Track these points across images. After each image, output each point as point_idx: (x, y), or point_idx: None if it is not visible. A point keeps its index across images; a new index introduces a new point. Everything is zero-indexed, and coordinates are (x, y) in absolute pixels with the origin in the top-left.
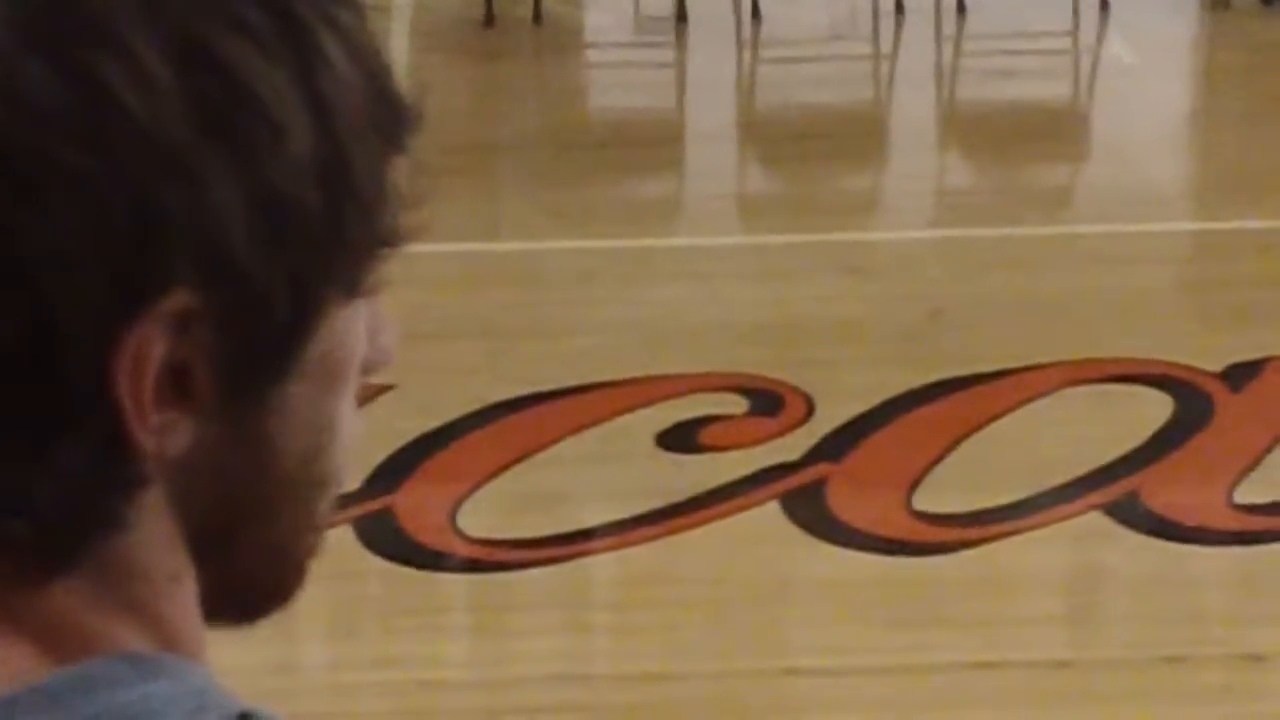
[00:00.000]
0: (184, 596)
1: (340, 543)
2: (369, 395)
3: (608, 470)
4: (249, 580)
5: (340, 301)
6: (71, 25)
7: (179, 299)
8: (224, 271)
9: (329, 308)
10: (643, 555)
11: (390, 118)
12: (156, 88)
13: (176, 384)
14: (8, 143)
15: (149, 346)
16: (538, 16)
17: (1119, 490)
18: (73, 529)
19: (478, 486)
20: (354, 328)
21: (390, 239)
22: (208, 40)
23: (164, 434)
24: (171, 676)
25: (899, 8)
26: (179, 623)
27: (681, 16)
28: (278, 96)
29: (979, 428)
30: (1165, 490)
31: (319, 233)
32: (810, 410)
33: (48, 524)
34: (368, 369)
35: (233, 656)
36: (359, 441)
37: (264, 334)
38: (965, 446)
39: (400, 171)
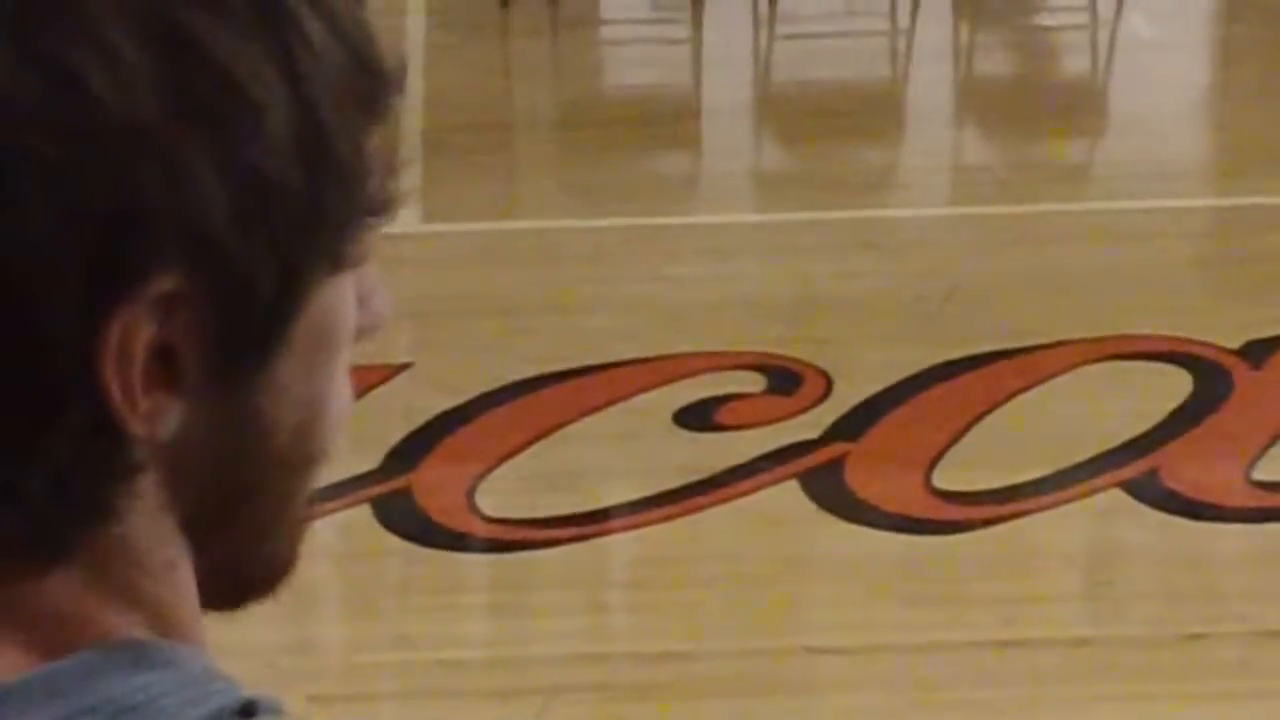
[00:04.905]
0: (181, 582)
1: (358, 522)
2: (386, 374)
3: (626, 449)
4: (242, 563)
5: (327, 275)
6: (41, 14)
7: (164, 283)
8: (208, 253)
9: (315, 283)
10: (661, 534)
11: (372, 86)
12: (128, 73)
13: (165, 367)
14: None
15: (135, 331)
16: None
17: (1138, 468)
18: (66, 520)
19: (496, 465)
20: (342, 299)
21: (375, 209)
22: (181, 21)
23: (154, 418)
24: (171, 664)
25: None
26: (178, 609)
27: None
28: (255, 75)
29: (997, 405)
30: (1184, 467)
31: (302, 210)
32: (828, 388)
33: (41, 516)
34: (361, 335)
35: (251, 636)
36: (350, 413)
37: (250, 313)
38: (984, 424)
39: (384, 139)
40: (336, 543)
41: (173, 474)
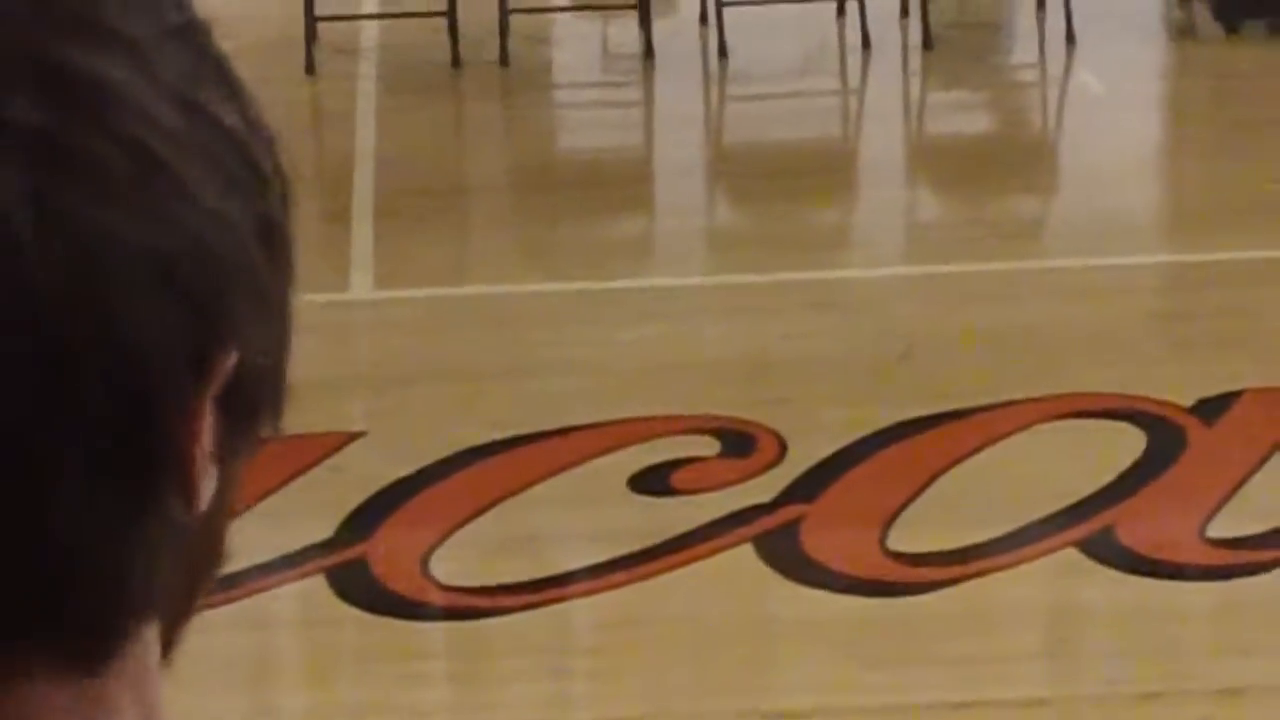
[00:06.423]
0: (157, 667)
1: (313, 592)
2: (340, 443)
3: (581, 514)
4: (168, 639)
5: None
6: (112, 104)
7: (233, 353)
8: (262, 311)
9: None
10: (617, 599)
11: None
12: (188, 148)
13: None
14: (91, 235)
15: (209, 404)
16: (504, 57)
17: (1093, 526)
18: (132, 610)
19: (451, 532)
20: None
21: None
22: (200, 99)
23: (206, 492)
24: None
25: (865, 43)
26: (159, 701)
27: (649, 54)
28: (245, 133)
29: (952, 465)
30: (1139, 525)
31: (289, 264)
32: (783, 450)
33: (116, 611)
34: None
35: (209, 707)
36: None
37: (262, 368)
38: (939, 484)
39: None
40: (292, 612)
41: None
